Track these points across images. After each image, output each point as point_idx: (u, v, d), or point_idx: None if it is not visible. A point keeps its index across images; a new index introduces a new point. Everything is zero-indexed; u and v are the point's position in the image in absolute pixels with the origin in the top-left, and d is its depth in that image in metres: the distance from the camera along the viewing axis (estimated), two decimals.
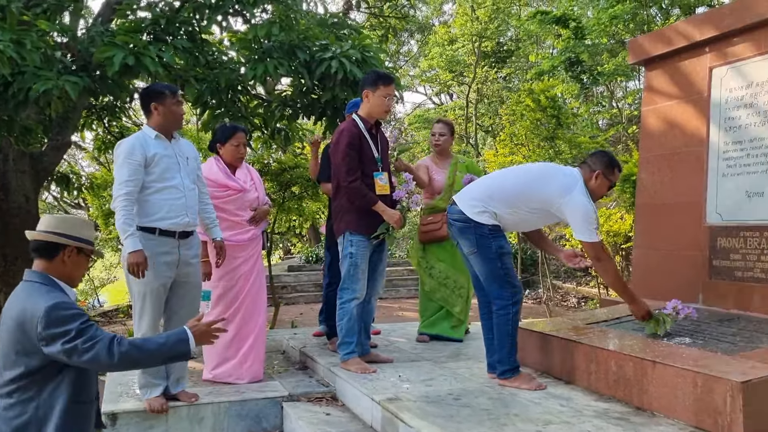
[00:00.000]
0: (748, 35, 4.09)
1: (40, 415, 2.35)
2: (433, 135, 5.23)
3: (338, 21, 6.91)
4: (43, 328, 2.28)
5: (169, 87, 3.66)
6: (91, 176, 10.73)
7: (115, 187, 3.49)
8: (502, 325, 3.63)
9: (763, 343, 3.28)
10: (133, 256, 3.39)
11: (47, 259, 2.47)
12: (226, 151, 4.28)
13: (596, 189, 3.60)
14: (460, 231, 3.69)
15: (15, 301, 2.42)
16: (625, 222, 9.19)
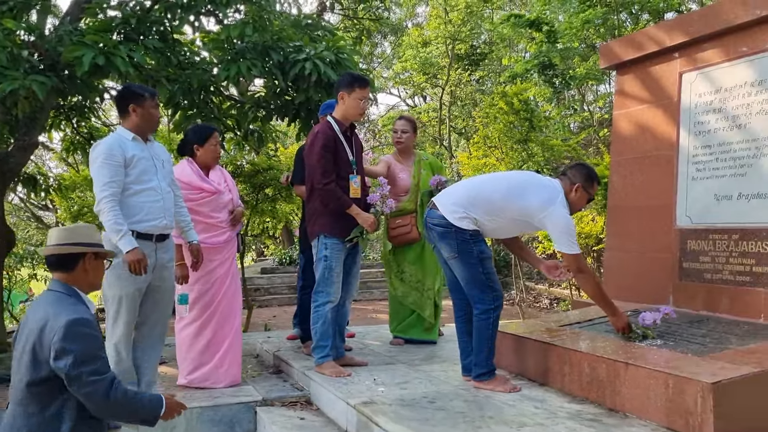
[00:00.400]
0: (717, 41, 4.17)
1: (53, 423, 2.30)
2: (395, 132, 5.10)
3: (312, 22, 6.88)
4: (59, 339, 2.25)
5: (147, 89, 3.63)
6: (59, 177, 10.52)
7: (97, 189, 3.42)
8: (483, 329, 3.64)
9: (731, 344, 3.34)
10: (133, 254, 3.35)
11: (67, 271, 2.47)
12: (205, 152, 4.23)
13: (576, 202, 3.64)
14: (441, 236, 3.69)
15: (39, 308, 2.40)
16: (596, 224, 9.29)
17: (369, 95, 4.15)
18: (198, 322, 4.18)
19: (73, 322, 2.28)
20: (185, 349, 4.21)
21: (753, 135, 3.91)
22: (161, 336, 3.77)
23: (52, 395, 2.32)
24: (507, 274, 13.21)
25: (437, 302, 5.05)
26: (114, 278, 3.49)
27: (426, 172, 5.04)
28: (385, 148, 21.60)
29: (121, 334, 3.53)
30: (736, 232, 3.95)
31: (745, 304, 3.84)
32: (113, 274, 3.49)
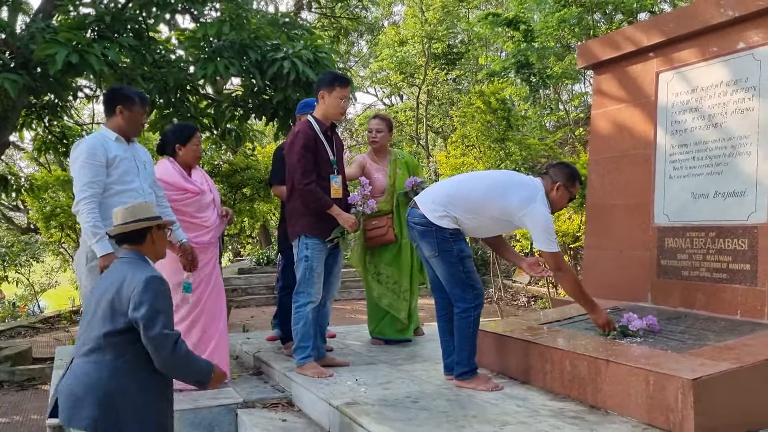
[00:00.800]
0: (693, 41, 4.22)
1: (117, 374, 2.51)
2: (369, 132, 5.01)
3: (290, 21, 6.85)
4: (139, 292, 2.51)
5: (139, 94, 3.59)
6: (31, 177, 10.33)
7: (77, 189, 3.36)
8: (464, 328, 3.64)
9: (710, 340, 3.38)
10: (106, 259, 3.28)
11: (138, 244, 2.74)
12: (187, 152, 4.16)
13: (557, 200, 3.66)
14: (422, 234, 3.69)
15: (113, 272, 2.67)
16: (573, 222, 9.39)
17: (349, 94, 4.12)
18: (185, 322, 4.12)
19: (151, 278, 2.56)
20: None
21: (729, 134, 3.97)
22: None
23: (126, 346, 2.53)
24: (485, 273, 13.28)
25: (414, 302, 5.03)
26: (92, 281, 3.42)
27: (402, 172, 4.99)
28: (362, 147, 21.57)
29: None
30: (712, 230, 4.01)
31: (722, 300, 3.90)
32: (92, 277, 3.43)
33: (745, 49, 3.90)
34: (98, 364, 2.52)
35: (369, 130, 5.05)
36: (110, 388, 2.50)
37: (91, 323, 2.59)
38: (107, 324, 2.53)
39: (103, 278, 2.74)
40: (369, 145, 5.07)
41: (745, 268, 3.78)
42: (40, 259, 15.19)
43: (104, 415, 2.49)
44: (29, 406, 6.04)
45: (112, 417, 2.49)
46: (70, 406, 2.52)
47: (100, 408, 2.48)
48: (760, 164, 3.76)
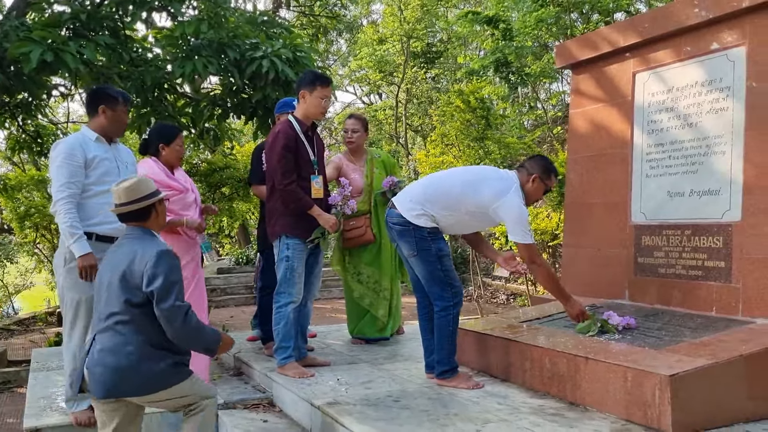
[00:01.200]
0: (669, 42, 4.28)
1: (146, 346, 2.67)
2: (345, 132, 5.00)
3: (268, 19, 6.81)
4: (152, 266, 2.64)
5: (123, 94, 3.56)
6: (5, 177, 10.16)
7: (55, 189, 3.33)
8: (444, 326, 3.66)
9: (686, 337, 3.44)
10: (85, 259, 3.27)
11: (144, 221, 2.85)
12: (170, 153, 4.13)
13: (532, 192, 3.70)
14: (400, 234, 3.71)
15: (122, 248, 2.79)
16: (551, 220, 9.47)
17: (331, 94, 4.11)
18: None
19: (162, 252, 2.70)
20: None
21: (703, 133, 4.03)
22: None
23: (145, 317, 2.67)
24: (464, 271, 13.34)
25: (392, 301, 5.03)
26: (72, 282, 3.39)
27: (379, 171, 4.99)
28: (341, 146, 21.53)
29: (78, 338, 3.42)
30: (688, 228, 4.07)
31: (697, 297, 3.96)
32: (71, 278, 3.39)
33: (719, 49, 3.96)
34: (123, 336, 2.67)
35: (345, 130, 5.04)
36: (136, 358, 2.66)
37: (108, 300, 2.72)
38: (123, 298, 2.67)
39: (111, 255, 2.83)
40: (345, 145, 5.07)
41: (720, 265, 3.85)
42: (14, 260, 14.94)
43: (135, 383, 2.68)
44: (5, 409, 5.94)
45: (142, 384, 2.68)
46: (102, 379, 2.68)
47: (132, 377, 2.66)
48: (734, 163, 3.82)
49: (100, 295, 2.79)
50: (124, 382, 2.68)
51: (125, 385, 2.69)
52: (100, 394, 2.71)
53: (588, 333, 3.68)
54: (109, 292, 2.73)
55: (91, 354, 2.74)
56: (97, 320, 2.77)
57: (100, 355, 2.69)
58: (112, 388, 2.69)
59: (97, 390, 2.72)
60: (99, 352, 2.70)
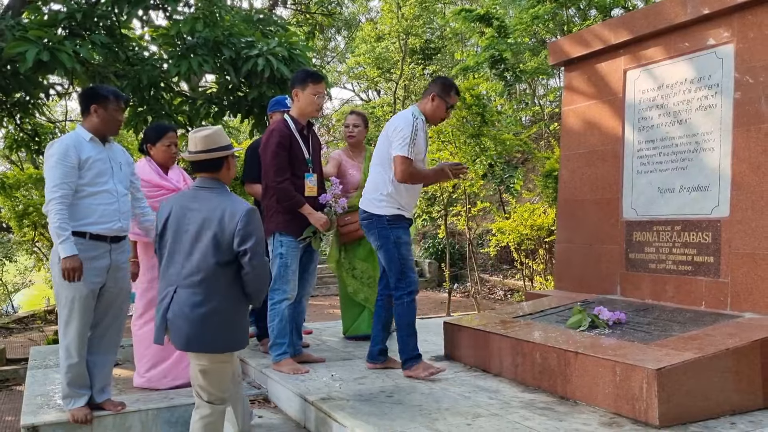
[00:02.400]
0: (659, 39, 4.31)
1: (226, 304, 2.82)
2: (347, 127, 5.09)
3: (264, 17, 6.84)
4: (244, 225, 2.77)
5: (114, 92, 3.55)
6: (3, 176, 10.18)
7: (47, 189, 3.34)
8: (402, 315, 3.85)
9: (675, 331, 3.48)
10: (69, 261, 3.28)
11: (216, 171, 2.93)
12: (157, 152, 4.18)
13: (434, 111, 3.89)
14: (367, 228, 3.95)
15: (207, 201, 2.86)
16: (548, 216, 9.50)
17: (324, 90, 4.14)
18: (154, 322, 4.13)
19: (250, 210, 2.81)
20: (144, 346, 4.17)
21: (693, 130, 4.07)
22: (115, 340, 3.70)
23: (229, 274, 2.82)
24: (462, 267, 13.39)
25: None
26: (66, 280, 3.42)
27: None
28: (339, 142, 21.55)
29: (73, 336, 3.46)
30: (678, 224, 4.12)
31: (687, 292, 4.01)
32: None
33: (708, 47, 4.00)
34: (209, 292, 2.80)
35: (346, 125, 5.11)
36: (223, 312, 2.83)
37: (192, 254, 2.83)
38: (213, 259, 2.79)
39: (188, 204, 2.89)
40: (346, 140, 5.13)
41: (709, 260, 3.90)
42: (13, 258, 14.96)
43: (217, 334, 2.83)
44: (3, 407, 5.99)
45: (223, 334, 2.84)
46: (186, 333, 2.82)
47: (217, 328, 2.82)
48: (722, 160, 3.87)
49: (179, 247, 2.87)
50: (197, 335, 2.82)
51: (198, 341, 2.84)
52: (180, 346, 2.88)
53: (579, 328, 3.73)
54: (194, 247, 2.82)
55: (172, 306, 2.86)
56: (179, 273, 2.87)
57: (182, 309, 2.83)
58: (189, 342, 2.85)
59: (176, 342, 2.88)
60: (181, 306, 2.83)
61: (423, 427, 2.96)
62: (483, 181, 10.81)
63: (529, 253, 10.14)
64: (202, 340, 2.83)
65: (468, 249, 10.87)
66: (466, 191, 9.90)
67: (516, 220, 9.73)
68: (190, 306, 2.81)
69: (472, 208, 10.75)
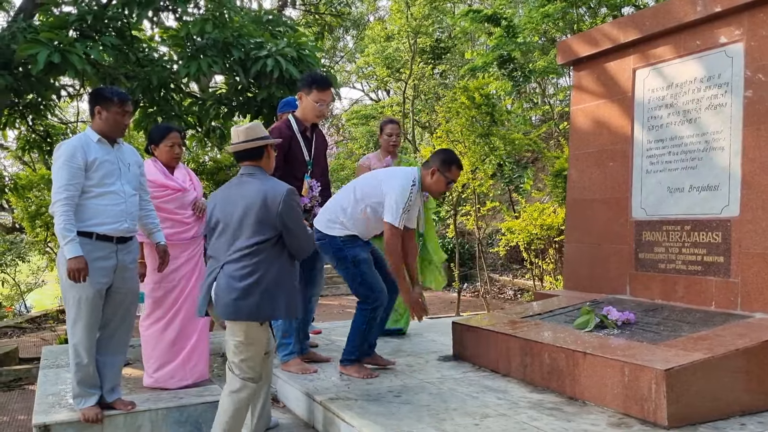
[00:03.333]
0: (669, 38, 4.29)
1: (269, 275, 3.06)
2: (390, 136, 5.11)
3: (273, 18, 6.86)
4: (284, 206, 3.06)
5: (119, 94, 3.56)
6: (15, 177, 10.27)
7: (54, 190, 3.36)
8: (357, 320, 3.87)
9: (684, 331, 3.47)
10: (74, 262, 3.30)
11: (257, 159, 3.23)
12: (161, 152, 4.21)
13: (433, 184, 3.86)
14: (322, 249, 3.91)
15: (250, 186, 3.15)
16: (557, 215, 9.47)
17: (329, 97, 4.15)
18: (164, 320, 4.16)
19: (292, 191, 3.13)
20: (151, 347, 4.19)
21: (703, 129, 4.04)
22: (124, 340, 3.73)
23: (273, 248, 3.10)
24: (471, 267, 13.36)
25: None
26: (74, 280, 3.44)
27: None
28: (348, 142, 21.60)
29: (81, 336, 3.48)
30: (688, 223, 4.09)
31: (697, 292, 3.99)
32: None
33: (717, 46, 3.97)
34: (254, 265, 3.05)
35: (389, 134, 5.12)
36: (266, 282, 3.06)
37: (237, 233, 3.10)
38: (257, 234, 3.07)
39: (235, 191, 3.18)
40: (386, 150, 5.14)
41: (719, 260, 3.87)
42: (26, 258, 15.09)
43: (262, 302, 3.05)
44: (16, 406, 6.04)
45: (269, 304, 3.07)
46: (230, 303, 3.05)
47: (260, 297, 3.05)
48: (732, 159, 3.84)
49: (227, 229, 3.15)
50: (241, 307, 3.05)
51: (240, 311, 3.06)
52: (225, 316, 3.10)
53: (585, 328, 3.72)
54: (240, 228, 3.09)
55: (219, 280, 3.10)
56: (225, 251, 3.13)
57: (228, 281, 3.07)
58: (232, 311, 3.07)
59: (220, 312, 3.10)
60: (227, 279, 3.07)
61: (430, 427, 2.97)
62: (492, 181, 10.80)
63: (539, 252, 10.11)
64: (244, 310, 3.05)
65: (477, 249, 10.85)
66: (475, 191, 9.88)
67: (526, 220, 9.71)
68: (235, 278, 3.06)
69: (482, 207, 10.73)
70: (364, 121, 20.61)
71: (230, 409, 3.16)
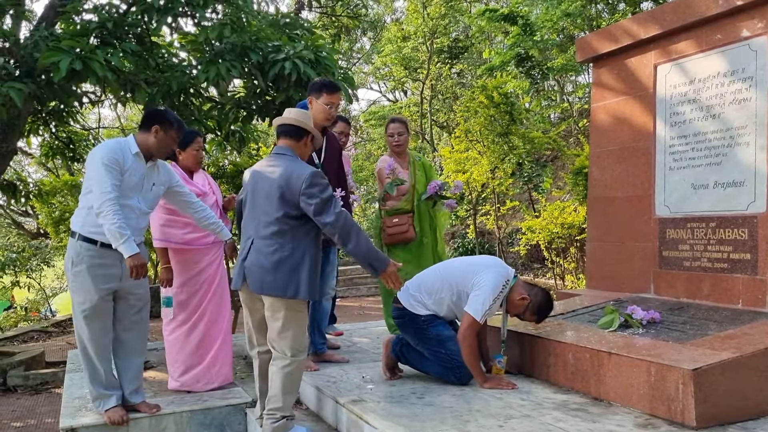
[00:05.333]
0: (690, 33, 4.23)
1: (296, 253, 3.16)
2: (391, 136, 5.07)
3: (290, 21, 6.87)
4: (306, 186, 3.09)
5: (179, 121, 3.64)
6: (39, 183, 10.42)
7: (100, 189, 3.35)
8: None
9: (711, 330, 3.41)
10: (133, 260, 3.35)
11: (295, 140, 3.32)
12: (187, 156, 4.27)
13: (514, 306, 3.73)
14: (401, 327, 3.84)
15: (278, 164, 3.23)
16: (578, 214, 9.40)
17: (338, 100, 4.19)
18: (188, 324, 4.21)
19: (315, 173, 3.15)
20: (175, 351, 4.23)
21: (727, 124, 3.98)
22: (140, 342, 3.75)
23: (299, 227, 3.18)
24: None
25: None
26: (78, 286, 3.47)
27: (420, 173, 5.12)
28: (366, 143, 21.62)
29: (88, 339, 3.51)
30: (713, 220, 4.03)
31: (723, 290, 3.93)
32: (77, 282, 3.47)
33: (741, 39, 3.91)
34: (282, 242, 3.16)
35: (390, 134, 5.08)
36: (293, 260, 3.15)
37: (267, 210, 3.19)
38: (282, 212, 3.15)
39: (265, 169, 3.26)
40: (392, 149, 5.10)
41: (746, 257, 3.81)
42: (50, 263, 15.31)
43: (289, 280, 3.14)
44: (43, 409, 6.13)
45: (294, 280, 3.14)
46: (261, 278, 3.17)
47: (288, 275, 3.14)
48: (758, 154, 3.78)
49: (256, 204, 3.26)
50: (269, 282, 3.15)
51: (269, 285, 3.15)
52: (255, 289, 3.20)
53: (610, 328, 3.67)
54: (268, 204, 3.19)
55: (250, 255, 3.22)
56: (256, 228, 3.23)
57: (257, 257, 3.18)
58: (263, 284, 3.17)
59: (252, 286, 3.21)
60: (257, 255, 3.19)
61: (454, 429, 2.95)
62: (512, 180, 10.74)
63: (560, 251, 10.04)
64: (273, 285, 3.15)
65: (498, 248, 10.81)
66: (495, 190, 9.84)
67: (546, 219, 9.65)
68: (264, 255, 3.17)
69: (501, 207, 10.68)
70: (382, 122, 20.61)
71: (283, 380, 3.23)
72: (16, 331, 10.87)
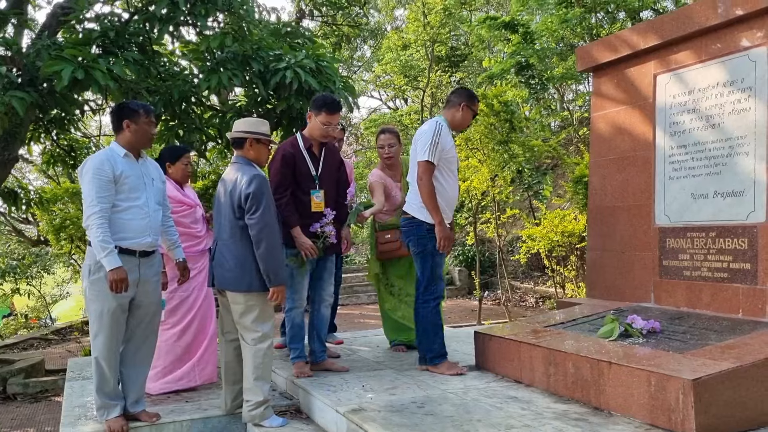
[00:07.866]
0: (690, 43, 4.25)
1: (247, 256, 3.54)
2: (381, 147, 4.87)
3: (291, 30, 6.91)
4: (246, 188, 3.49)
5: (143, 106, 3.65)
6: (40, 190, 10.43)
7: (86, 204, 3.42)
8: (430, 317, 4.12)
9: (711, 340, 3.41)
10: (115, 273, 3.38)
11: (239, 147, 3.72)
12: (176, 170, 4.45)
13: (461, 119, 4.20)
14: (405, 234, 4.25)
15: (231, 173, 3.65)
16: (579, 222, 9.41)
17: (336, 121, 4.23)
18: (179, 326, 4.39)
19: (255, 175, 3.54)
20: (163, 353, 4.31)
21: (726, 134, 3.99)
22: (149, 352, 3.77)
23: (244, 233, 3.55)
24: (492, 274, 13.30)
25: None
26: (95, 293, 3.49)
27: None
28: (368, 151, 21.64)
29: (102, 348, 3.52)
30: (713, 230, 4.04)
31: (723, 300, 3.93)
32: (94, 290, 3.48)
33: (740, 49, 3.93)
34: (236, 244, 3.58)
35: (380, 146, 4.89)
36: (237, 262, 3.56)
37: (225, 215, 3.62)
38: (230, 216, 3.57)
39: (224, 180, 3.68)
40: (383, 161, 4.92)
41: (746, 267, 3.81)
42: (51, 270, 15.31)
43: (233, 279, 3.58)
44: (42, 417, 6.12)
45: (236, 280, 3.57)
46: (222, 275, 3.62)
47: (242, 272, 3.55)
48: (757, 164, 3.79)
49: (220, 210, 3.68)
50: (228, 278, 3.60)
51: (228, 281, 3.60)
52: (218, 285, 3.68)
53: (610, 337, 3.68)
54: (225, 210, 3.61)
55: (216, 256, 3.66)
56: (220, 231, 3.68)
57: (218, 258, 3.64)
58: (223, 282, 3.64)
59: (217, 284, 3.68)
60: (219, 255, 3.64)
61: None
62: (512, 188, 10.75)
63: (560, 259, 10.04)
64: (232, 281, 3.59)
65: (498, 256, 10.81)
66: (495, 198, 9.85)
67: (546, 227, 9.66)
68: (223, 255, 3.62)
69: (502, 215, 10.69)
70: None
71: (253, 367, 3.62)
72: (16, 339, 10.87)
